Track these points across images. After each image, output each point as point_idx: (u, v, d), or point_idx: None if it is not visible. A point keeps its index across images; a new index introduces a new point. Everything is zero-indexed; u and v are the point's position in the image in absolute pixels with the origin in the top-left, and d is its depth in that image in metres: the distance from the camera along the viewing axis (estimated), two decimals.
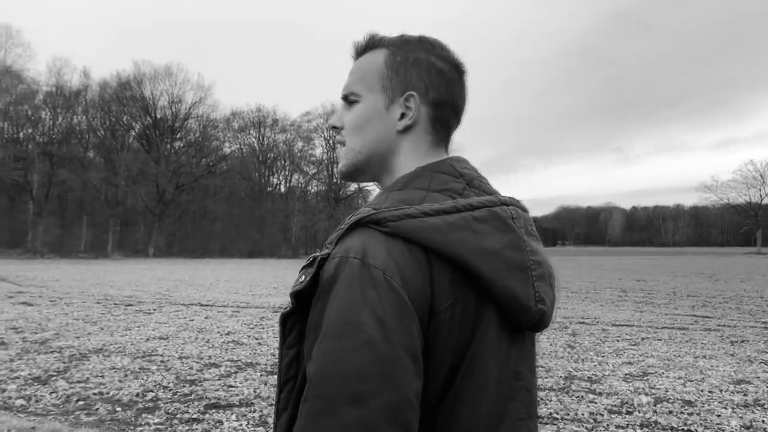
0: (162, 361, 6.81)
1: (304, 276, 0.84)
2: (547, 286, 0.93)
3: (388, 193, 0.92)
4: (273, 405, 4.81)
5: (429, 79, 0.96)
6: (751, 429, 4.63)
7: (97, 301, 13.39)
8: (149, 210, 52.02)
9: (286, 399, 0.88)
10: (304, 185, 66.15)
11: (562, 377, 6.20)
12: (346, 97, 1.01)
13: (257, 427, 4.58)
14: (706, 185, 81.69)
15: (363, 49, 1.02)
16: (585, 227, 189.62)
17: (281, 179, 66.87)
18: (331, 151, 58.72)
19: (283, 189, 66.13)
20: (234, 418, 4.77)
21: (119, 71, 54.17)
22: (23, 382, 5.79)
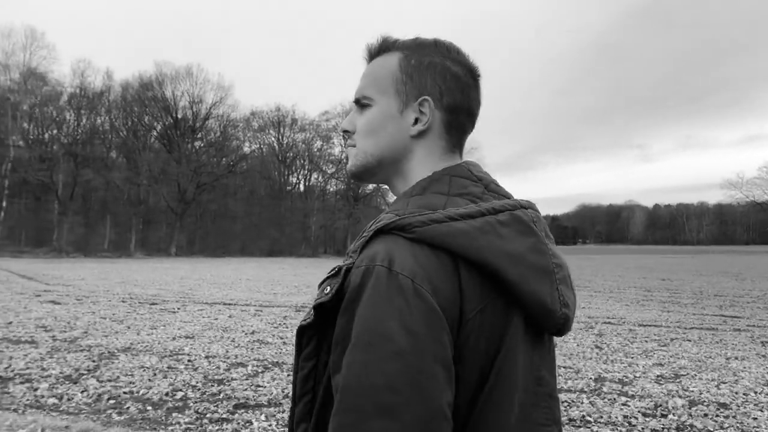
0: (189, 361, 6.85)
1: (329, 287, 0.83)
2: (569, 289, 0.92)
3: (408, 198, 0.91)
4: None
5: (444, 84, 0.95)
6: None
7: (122, 300, 13.55)
8: (171, 209, 52.57)
9: (302, 413, 0.87)
10: (323, 184, 66.42)
11: (592, 379, 6.11)
12: (358, 101, 0.99)
13: (286, 428, 4.57)
14: (730, 182, 79.77)
15: (376, 52, 1.01)
16: (606, 225, 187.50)
17: (300, 178, 67.30)
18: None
19: (302, 188, 66.53)
20: (263, 418, 4.77)
21: (141, 72, 54.97)
22: (54, 380, 5.86)
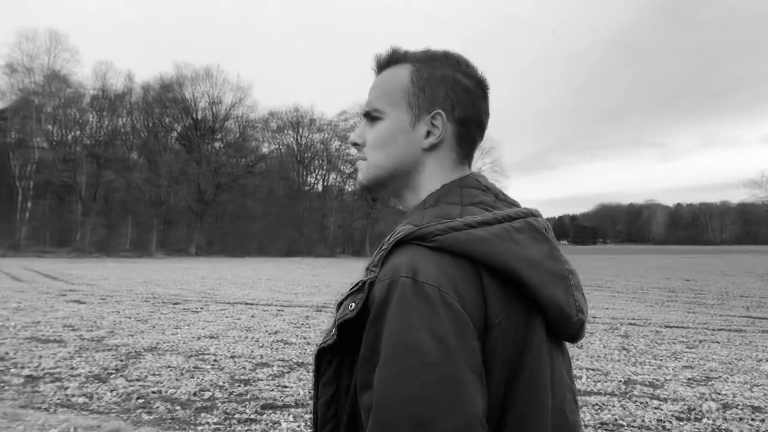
0: (215, 360, 6.88)
1: (353, 303, 0.81)
2: (581, 295, 0.93)
3: (422, 210, 0.90)
4: None
5: (455, 97, 0.95)
6: None
7: (145, 300, 13.69)
8: (191, 209, 53.06)
9: None
10: (340, 184, 66.52)
11: (621, 381, 6.01)
12: (368, 114, 0.99)
13: None
14: (754, 181, 78.71)
15: (386, 63, 1.00)
16: (626, 225, 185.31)
17: (318, 178, 67.46)
18: None
19: (320, 188, 66.70)
20: (291, 419, 4.77)
21: (161, 74, 55.59)
22: (84, 379, 5.92)
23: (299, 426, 4.61)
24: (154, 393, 5.46)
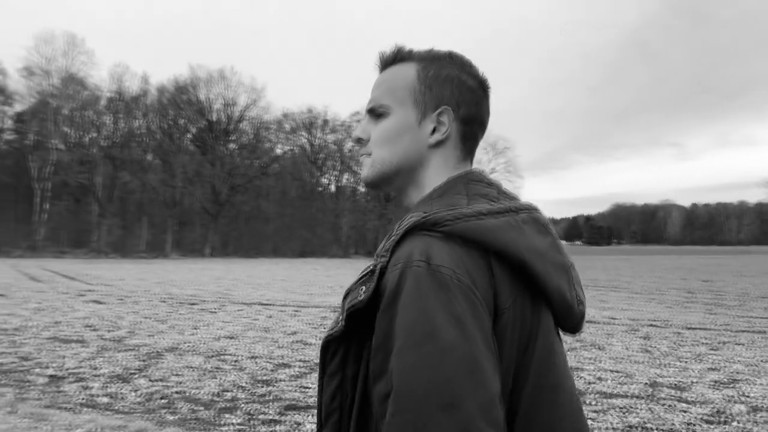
0: (234, 361, 6.89)
1: (363, 289, 0.81)
2: (580, 288, 0.95)
3: (430, 201, 0.91)
4: None
5: (461, 96, 0.96)
6: None
7: (162, 300, 13.78)
8: (205, 210, 53.38)
9: None
10: (354, 185, 66.54)
11: (646, 384, 5.93)
12: (372, 110, 0.99)
13: None
14: None
15: (391, 61, 1.01)
16: (641, 225, 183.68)
17: (331, 179, 67.50)
18: None
19: (333, 189, 66.75)
20: (314, 420, 4.75)
21: (176, 76, 55.94)
22: (106, 379, 5.96)
23: None
24: (176, 393, 5.48)
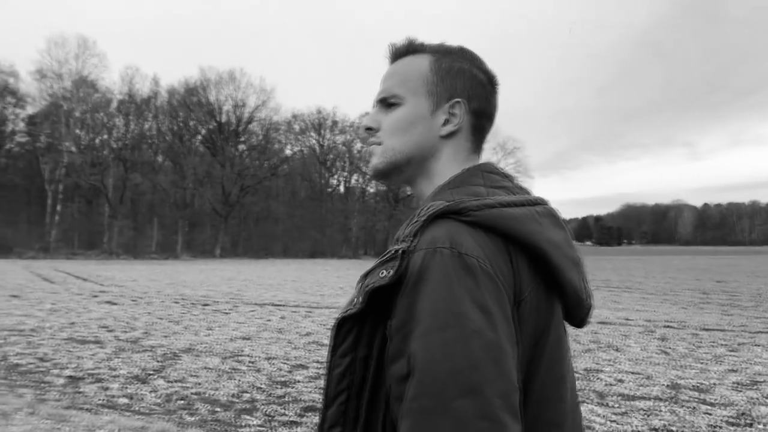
0: (251, 362, 6.90)
1: (385, 270, 0.80)
2: (588, 284, 0.96)
3: (449, 189, 0.92)
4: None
5: (472, 89, 0.98)
6: None
7: (175, 301, 13.83)
8: (215, 212, 53.58)
9: (336, 414, 0.84)
10: (363, 186, 66.55)
11: (666, 386, 5.87)
12: (384, 99, 1.00)
13: None
14: None
15: (403, 53, 1.02)
16: (652, 225, 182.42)
17: (341, 180, 67.53)
18: None
19: (343, 190, 66.79)
20: None
21: (186, 77, 56.18)
22: (124, 380, 5.98)
23: None
24: (194, 394, 5.49)
